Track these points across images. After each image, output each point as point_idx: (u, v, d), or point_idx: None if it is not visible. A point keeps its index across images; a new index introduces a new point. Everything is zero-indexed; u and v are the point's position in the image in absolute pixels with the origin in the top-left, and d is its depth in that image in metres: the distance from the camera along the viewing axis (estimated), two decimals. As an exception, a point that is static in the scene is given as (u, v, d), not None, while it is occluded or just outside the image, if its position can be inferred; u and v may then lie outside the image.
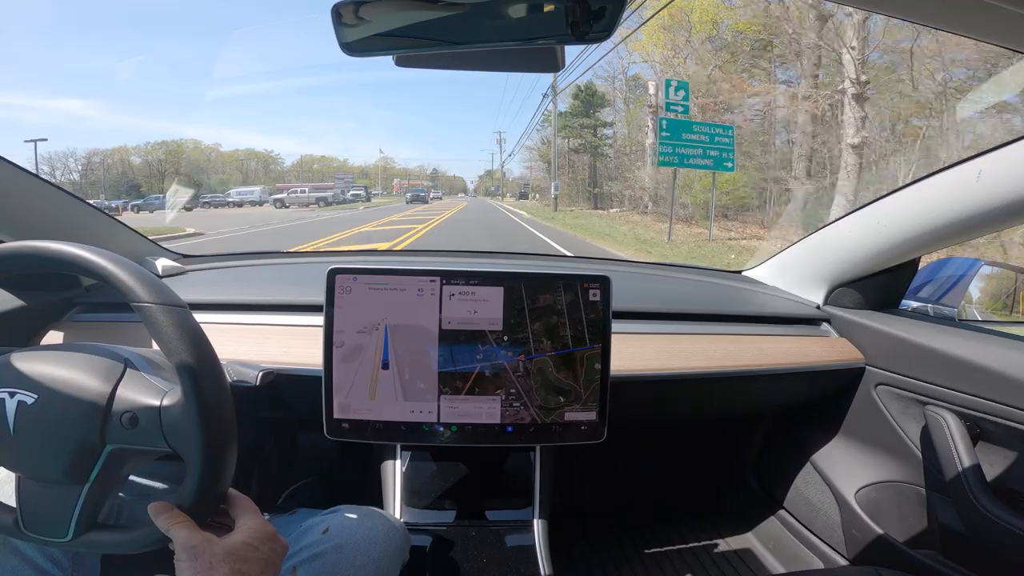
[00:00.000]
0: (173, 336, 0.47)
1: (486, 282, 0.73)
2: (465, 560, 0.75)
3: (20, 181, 0.84)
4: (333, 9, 0.45)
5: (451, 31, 0.45)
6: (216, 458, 0.47)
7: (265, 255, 1.40)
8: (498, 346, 0.73)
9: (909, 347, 0.91)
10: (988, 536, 0.78)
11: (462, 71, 0.59)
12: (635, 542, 1.26)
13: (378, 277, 0.72)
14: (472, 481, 0.86)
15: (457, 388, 0.73)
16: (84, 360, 0.50)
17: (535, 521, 0.81)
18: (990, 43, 0.43)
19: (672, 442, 1.45)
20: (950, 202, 0.78)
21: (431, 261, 1.43)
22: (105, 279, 0.49)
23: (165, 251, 1.19)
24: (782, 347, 0.98)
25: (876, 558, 0.93)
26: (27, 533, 0.49)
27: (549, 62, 0.52)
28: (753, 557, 1.19)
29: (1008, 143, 0.68)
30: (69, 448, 0.47)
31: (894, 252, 0.92)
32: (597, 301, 0.74)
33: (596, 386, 0.74)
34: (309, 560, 0.60)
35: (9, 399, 0.47)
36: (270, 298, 0.93)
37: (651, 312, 1.00)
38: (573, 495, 1.39)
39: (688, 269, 1.52)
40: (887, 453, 0.98)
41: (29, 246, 0.50)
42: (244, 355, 0.80)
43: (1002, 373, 0.77)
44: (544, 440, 0.77)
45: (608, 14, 0.42)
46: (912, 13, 0.41)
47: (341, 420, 0.73)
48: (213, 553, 0.44)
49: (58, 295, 0.91)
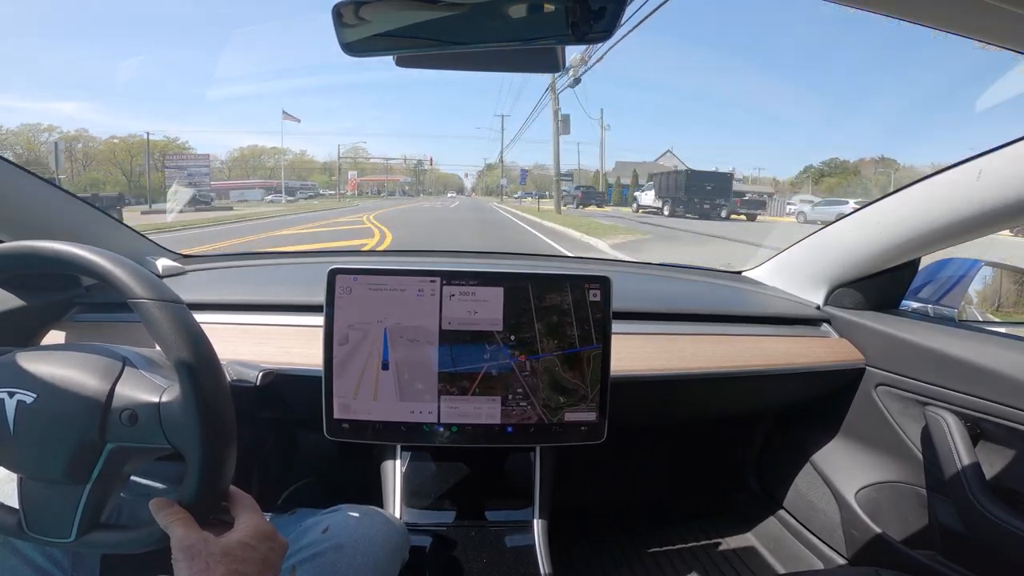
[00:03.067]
0: (170, 332, 0.47)
1: (486, 282, 0.73)
2: (465, 560, 0.75)
3: (21, 181, 0.84)
4: (333, 9, 0.45)
5: (451, 31, 0.45)
6: (216, 454, 0.47)
7: (266, 255, 1.41)
8: (504, 346, 0.73)
9: (909, 347, 0.91)
10: (988, 536, 0.77)
11: (462, 71, 0.59)
12: (635, 542, 1.26)
13: (378, 277, 0.72)
14: (472, 481, 0.86)
15: (464, 388, 0.73)
16: (83, 359, 0.50)
17: (535, 521, 0.81)
18: (990, 43, 0.43)
19: (672, 442, 1.44)
20: (950, 202, 0.78)
21: (431, 261, 1.43)
22: (101, 276, 0.49)
23: (165, 251, 1.19)
24: (782, 348, 0.98)
25: (876, 558, 0.93)
26: (31, 534, 0.49)
27: (549, 62, 0.52)
28: (753, 557, 1.19)
29: (1008, 143, 0.68)
30: (69, 447, 0.47)
31: (894, 252, 0.92)
32: (597, 301, 0.74)
33: (597, 386, 0.75)
34: (308, 560, 0.60)
35: (8, 399, 0.47)
36: (270, 298, 0.93)
37: (651, 312, 1.00)
38: (573, 495, 1.39)
39: (688, 270, 1.52)
40: (887, 453, 0.98)
41: (25, 246, 0.50)
42: (244, 355, 0.80)
43: (1002, 373, 0.77)
44: (544, 440, 0.77)
45: (608, 14, 0.42)
46: (912, 13, 0.41)
47: (341, 420, 0.73)
48: (210, 553, 0.44)
49: (58, 295, 0.91)
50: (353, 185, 45.58)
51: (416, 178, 60.83)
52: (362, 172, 53.08)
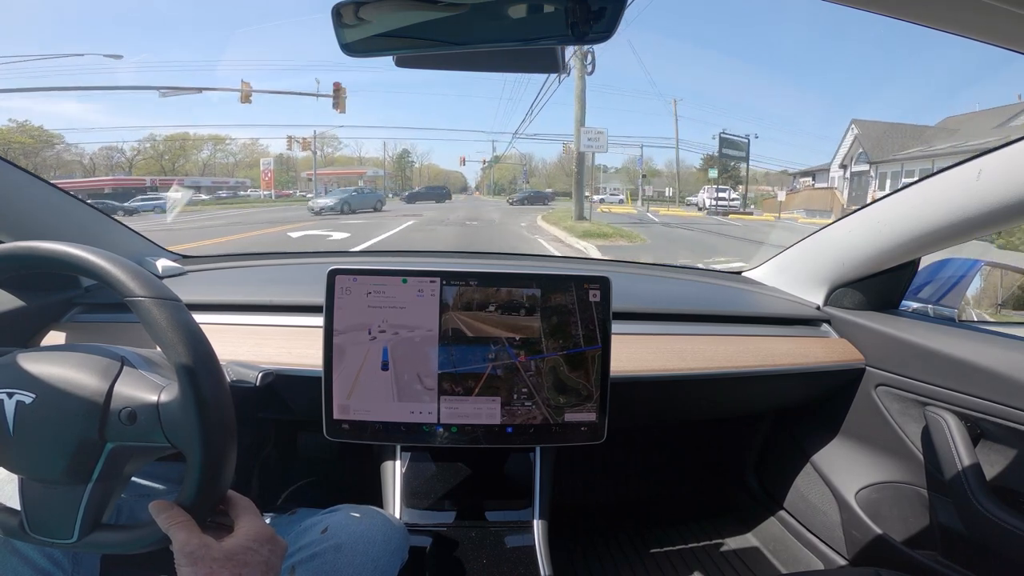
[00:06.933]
0: (167, 330, 0.47)
1: (486, 283, 0.73)
2: (465, 560, 0.75)
3: (20, 182, 0.84)
4: (333, 9, 0.45)
5: (451, 31, 0.45)
6: (216, 452, 0.47)
7: (265, 255, 1.41)
8: (509, 346, 0.73)
9: (909, 348, 0.91)
10: (988, 536, 0.78)
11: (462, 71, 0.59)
12: (635, 542, 1.26)
13: (378, 278, 0.72)
14: (472, 481, 0.86)
15: (469, 388, 0.73)
16: (81, 359, 0.50)
17: (535, 521, 0.81)
18: (990, 43, 0.43)
19: (672, 442, 1.45)
20: (950, 202, 0.78)
21: (431, 262, 1.43)
22: (98, 276, 0.49)
23: (165, 251, 1.20)
24: (782, 348, 0.98)
25: (876, 559, 0.93)
26: (33, 535, 0.49)
27: (549, 63, 0.52)
28: (753, 557, 1.19)
29: (1008, 143, 0.68)
30: (69, 447, 0.47)
31: (894, 252, 0.92)
32: (597, 302, 0.74)
33: (597, 387, 0.75)
34: (308, 560, 0.60)
35: (8, 399, 0.47)
36: (270, 299, 0.93)
37: (651, 313, 1.00)
38: (573, 495, 1.39)
39: (688, 270, 1.52)
40: (887, 454, 0.98)
41: (22, 246, 0.50)
42: (244, 356, 0.80)
43: (1002, 373, 0.77)
44: (545, 441, 0.77)
45: (608, 14, 0.42)
46: (912, 13, 0.41)
47: (341, 421, 0.73)
48: (213, 558, 0.44)
49: (57, 295, 0.91)
50: (268, 182, 29.38)
51: (401, 173, 46.41)
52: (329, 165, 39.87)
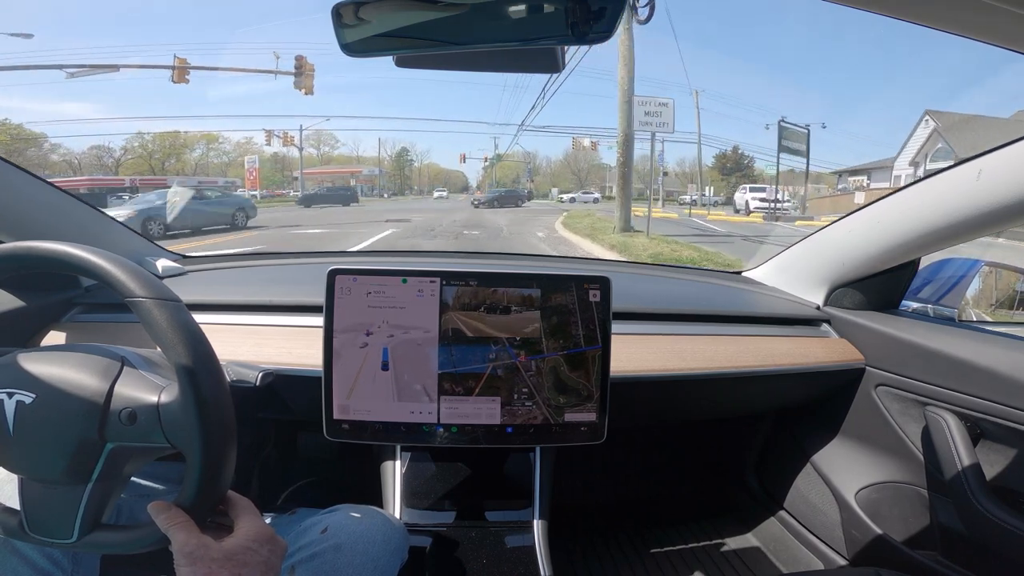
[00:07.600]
0: (168, 330, 0.47)
1: (486, 283, 0.73)
2: (465, 560, 0.75)
3: (20, 182, 0.84)
4: (333, 9, 0.45)
5: (451, 32, 0.45)
6: (215, 452, 0.47)
7: (265, 255, 1.41)
8: (510, 346, 0.73)
9: (909, 348, 0.91)
10: (988, 537, 0.78)
11: (463, 71, 0.59)
12: (635, 542, 1.26)
13: (378, 278, 0.72)
14: (472, 481, 0.86)
15: (469, 388, 0.73)
16: (81, 359, 0.50)
17: (535, 521, 0.81)
18: (990, 43, 0.43)
19: (672, 442, 1.45)
20: (950, 202, 0.78)
21: (431, 262, 1.43)
22: (98, 276, 0.49)
23: (165, 252, 1.20)
24: (782, 348, 0.98)
25: (876, 559, 0.93)
26: (33, 535, 0.49)
27: (550, 63, 0.52)
28: (753, 557, 1.19)
29: (1008, 143, 0.68)
30: (69, 447, 0.47)
31: (894, 252, 0.92)
32: (597, 302, 0.74)
33: (598, 387, 0.75)
34: (307, 560, 0.60)
35: (8, 400, 0.47)
36: (270, 299, 0.93)
37: (651, 313, 1.00)
38: (573, 495, 1.39)
39: (688, 270, 1.52)
40: (887, 454, 0.98)
41: (22, 246, 0.50)
42: (244, 356, 0.80)
43: (1002, 373, 0.77)
44: (545, 441, 0.77)
45: (608, 15, 0.42)
46: (912, 13, 0.41)
47: (340, 421, 0.73)
48: (212, 558, 0.44)
49: (57, 295, 0.91)
50: (254, 180, 28.76)
51: (399, 172, 47.21)
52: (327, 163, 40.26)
